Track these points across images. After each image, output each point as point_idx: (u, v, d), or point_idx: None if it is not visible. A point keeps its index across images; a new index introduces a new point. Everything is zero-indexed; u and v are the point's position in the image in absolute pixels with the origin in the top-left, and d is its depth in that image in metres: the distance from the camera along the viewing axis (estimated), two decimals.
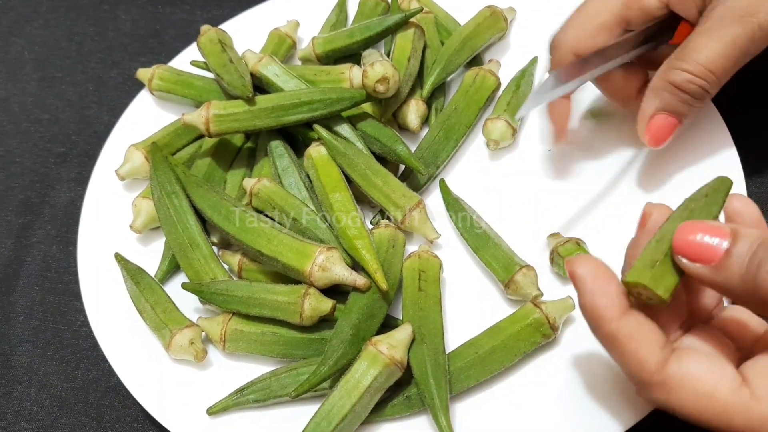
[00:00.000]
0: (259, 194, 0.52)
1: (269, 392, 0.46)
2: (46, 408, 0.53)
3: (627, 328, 0.33)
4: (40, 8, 0.76)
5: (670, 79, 0.44)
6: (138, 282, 0.51)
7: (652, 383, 0.33)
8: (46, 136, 0.67)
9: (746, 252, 0.31)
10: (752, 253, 0.31)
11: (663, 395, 0.33)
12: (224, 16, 0.67)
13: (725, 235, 0.32)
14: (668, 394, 0.33)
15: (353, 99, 0.53)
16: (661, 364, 0.33)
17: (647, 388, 0.34)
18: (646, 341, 0.33)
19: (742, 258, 0.31)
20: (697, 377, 0.32)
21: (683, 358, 0.33)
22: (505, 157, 0.55)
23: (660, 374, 0.33)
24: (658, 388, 0.33)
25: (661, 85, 0.45)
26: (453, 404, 0.45)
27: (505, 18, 0.60)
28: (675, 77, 0.44)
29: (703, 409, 0.32)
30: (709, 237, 0.32)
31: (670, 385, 0.33)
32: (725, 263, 0.32)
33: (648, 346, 0.33)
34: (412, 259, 0.49)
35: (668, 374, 0.33)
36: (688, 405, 0.32)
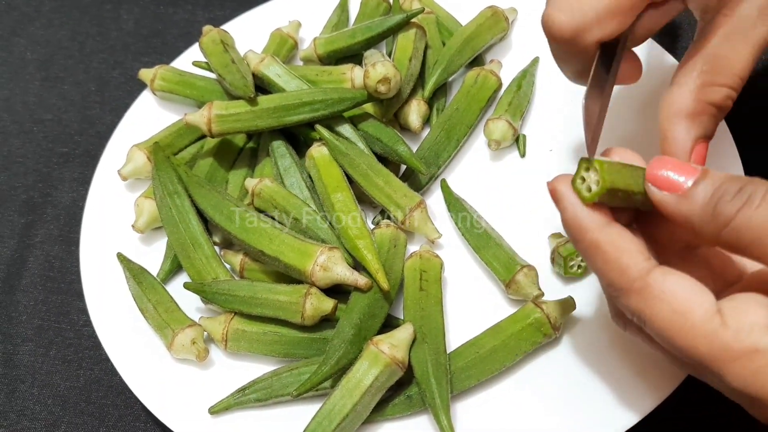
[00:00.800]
0: (260, 194, 0.52)
1: (271, 391, 0.46)
2: (49, 407, 0.53)
3: (610, 236, 0.34)
4: (43, 8, 0.76)
5: (710, 99, 0.39)
6: (140, 282, 0.51)
7: (631, 290, 0.33)
8: (49, 136, 0.67)
9: (711, 185, 0.33)
10: (716, 187, 0.32)
11: (639, 304, 0.33)
12: (226, 17, 0.68)
13: (695, 173, 0.33)
14: (644, 303, 0.33)
15: (355, 99, 0.53)
16: (644, 272, 0.33)
17: (625, 295, 0.33)
18: (629, 249, 0.34)
19: (707, 189, 0.33)
20: (675, 294, 0.33)
21: (667, 272, 0.33)
22: (507, 158, 0.55)
23: (641, 281, 0.33)
24: (635, 295, 0.33)
25: (700, 109, 0.39)
26: (454, 404, 0.45)
27: (506, 18, 0.60)
28: (715, 96, 0.39)
29: (672, 327, 0.32)
30: (680, 173, 0.34)
31: (649, 294, 0.33)
32: (690, 193, 0.33)
33: (631, 254, 0.33)
34: (413, 258, 0.49)
35: (649, 283, 0.33)
36: (659, 318, 0.33)
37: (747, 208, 0.31)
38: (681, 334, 0.32)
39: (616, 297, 0.34)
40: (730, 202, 0.32)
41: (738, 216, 0.31)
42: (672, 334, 0.32)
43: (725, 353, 0.31)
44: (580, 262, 0.48)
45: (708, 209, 0.32)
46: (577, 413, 0.43)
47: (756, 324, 0.31)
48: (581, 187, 0.34)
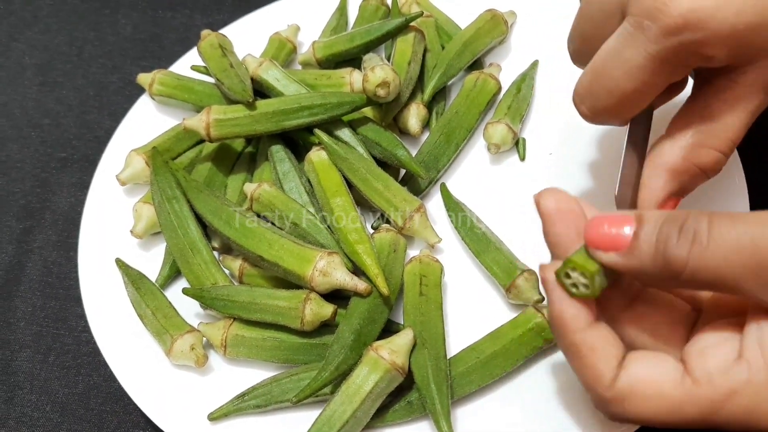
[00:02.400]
0: (259, 199, 0.52)
1: (270, 398, 0.46)
2: (47, 414, 0.53)
3: (591, 340, 0.34)
4: (41, 13, 0.76)
5: (699, 161, 0.38)
6: (139, 287, 0.51)
7: (606, 399, 0.34)
8: (47, 141, 0.67)
9: (652, 232, 0.32)
10: (658, 232, 0.32)
11: (619, 408, 0.34)
12: (224, 21, 0.67)
13: (630, 221, 0.33)
14: (622, 405, 0.33)
15: (354, 103, 0.53)
16: (614, 377, 0.33)
17: (604, 404, 0.34)
18: (605, 356, 0.34)
19: (650, 238, 0.32)
20: (642, 381, 0.33)
21: (629, 365, 0.33)
22: (506, 161, 0.55)
23: (612, 389, 0.33)
24: (612, 403, 0.34)
25: (684, 168, 0.39)
26: (454, 409, 0.45)
27: (505, 21, 0.59)
28: (705, 159, 0.38)
29: (656, 411, 0.33)
30: (616, 227, 0.33)
31: (622, 396, 0.33)
32: (634, 246, 0.32)
33: (606, 361, 0.34)
34: (413, 263, 0.49)
35: (618, 387, 0.33)
36: (641, 411, 0.33)
37: (697, 247, 0.30)
38: (667, 414, 0.32)
39: (596, 405, 0.35)
40: (678, 246, 0.31)
41: (691, 258, 0.30)
42: (660, 417, 0.33)
43: (712, 406, 0.31)
44: None
45: (659, 259, 0.31)
46: (578, 418, 0.43)
47: (721, 365, 0.32)
48: (567, 282, 0.34)
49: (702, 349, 0.33)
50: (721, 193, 0.47)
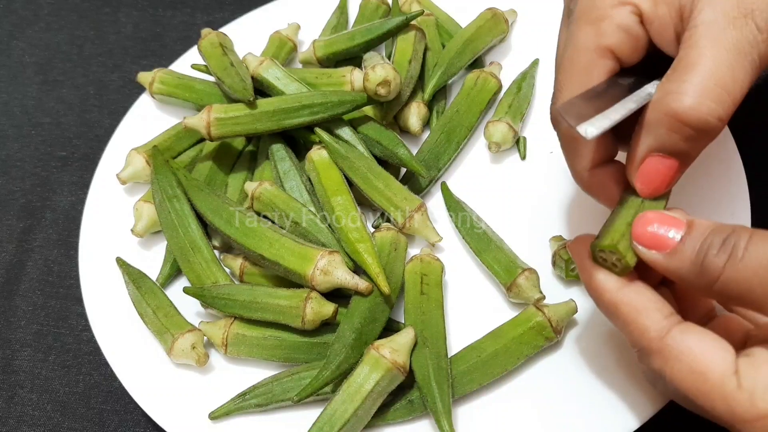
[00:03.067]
0: (260, 198, 0.52)
1: (271, 397, 0.46)
2: (48, 413, 0.53)
3: (628, 296, 0.35)
4: (41, 12, 0.76)
5: (667, 108, 0.34)
6: (139, 286, 0.51)
7: (651, 350, 0.34)
8: (48, 140, 0.67)
9: (698, 239, 0.33)
10: (702, 241, 0.33)
11: (659, 363, 0.34)
12: (225, 19, 0.67)
13: (680, 225, 0.34)
14: (664, 363, 0.34)
15: (354, 102, 0.53)
16: (663, 331, 0.34)
17: (646, 355, 0.34)
18: (646, 308, 0.34)
19: (694, 245, 0.33)
20: (695, 353, 0.33)
21: (687, 331, 0.34)
22: (507, 160, 0.55)
23: (660, 342, 0.34)
24: (656, 356, 0.34)
25: (655, 119, 0.34)
26: (455, 408, 0.45)
27: (506, 20, 0.59)
28: (674, 103, 0.34)
29: (691, 387, 0.33)
30: (666, 228, 0.34)
31: (668, 354, 0.33)
32: (678, 250, 0.34)
33: (649, 314, 0.34)
34: (414, 262, 0.49)
35: (668, 343, 0.34)
36: (678, 378, 0.33)
37: (732, 260, 0.32)
38: (699, 394, 0.33)
39: (638, 354, 0.36)
40: (717, 256, 0.32)
41: (725, 271, 0.32)
42: (689, 392, 0.33)
43: (743, 415, 0.32)
44: None
45: (696, 265, 0.33)
46: (578, 417, 0.43)
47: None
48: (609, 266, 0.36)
49: (755, 360, 0.33)
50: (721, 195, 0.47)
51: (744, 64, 0.34)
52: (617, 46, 0.37)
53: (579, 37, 0.38)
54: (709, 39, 0.34)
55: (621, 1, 0.37)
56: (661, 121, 0.34)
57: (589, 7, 0.38)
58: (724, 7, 0.34)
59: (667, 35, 0.37)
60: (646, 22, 0.37)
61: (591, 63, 0.37)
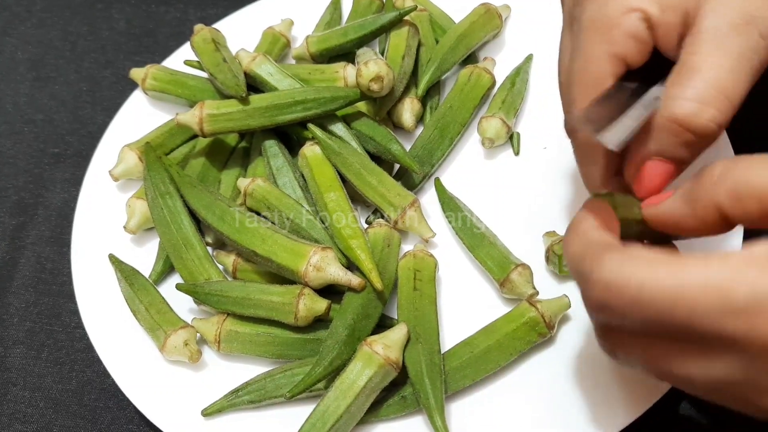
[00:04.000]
0: (253, 194, 0.51)
1: (264, 393, 0.46)
2: (41, 410, 0.52)
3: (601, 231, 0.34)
4: (34, 7, 0.76)
5: (670, 113, 0.34)
6: (132, 283, 0.51)
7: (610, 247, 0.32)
8: (40, 137, 0.66)
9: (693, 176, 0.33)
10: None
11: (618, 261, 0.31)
12: (218, 15, 0.67)
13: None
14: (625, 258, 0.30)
15: (347, 98, 0.53)
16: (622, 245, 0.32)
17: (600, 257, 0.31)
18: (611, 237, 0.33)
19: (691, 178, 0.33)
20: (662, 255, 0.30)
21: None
22: (500, 156, 0.55)
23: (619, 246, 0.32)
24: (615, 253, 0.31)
25: (658, 125, 0.35)
26: (448, 404, 0.45)
27: (499, 15, 0.59)
28: (676, 109, 0.34)
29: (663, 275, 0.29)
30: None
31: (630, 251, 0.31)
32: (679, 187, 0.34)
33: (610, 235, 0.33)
34: (407, 258, 0.49)
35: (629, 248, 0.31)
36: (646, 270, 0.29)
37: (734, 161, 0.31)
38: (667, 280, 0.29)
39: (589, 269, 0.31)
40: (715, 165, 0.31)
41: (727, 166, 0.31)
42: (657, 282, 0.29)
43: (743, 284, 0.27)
44: None
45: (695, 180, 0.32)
46: (571, 412, 0.43)
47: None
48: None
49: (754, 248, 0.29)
50: None
51: (745, 70, 0.34)
52: (628, 53, 0.37)
53: (590, 46, 0.37)
54: (712, 45, 0.34)
55: (630, 8, 0.36)
56: (663, 126, 0.35)
57: (598, 16, 0.37)
58: (727, 14, 0.34)
59: (671, 39, 0.37)
60: (653, 27, 0.37)
61: (603, 72, 0.37)
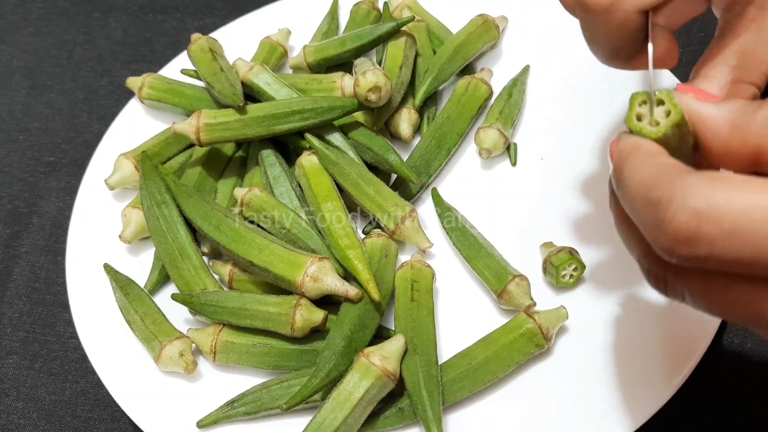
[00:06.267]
0: (250, 203, 0.51)
1: (260, 404, 0.45)
2: (34, 421, 0.52)
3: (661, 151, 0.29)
4: (30, 16, 0.76)
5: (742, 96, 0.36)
6: (127, 293, 0.51)
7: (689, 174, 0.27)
8: (36, 145, 0.66)
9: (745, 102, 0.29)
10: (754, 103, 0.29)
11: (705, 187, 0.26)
12: (215, 25, 0.67)
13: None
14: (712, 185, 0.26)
15: (345, 108, 0.53)
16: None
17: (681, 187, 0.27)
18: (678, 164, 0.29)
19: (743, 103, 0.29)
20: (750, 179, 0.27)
21: None
22: (498, 166, 0.55)
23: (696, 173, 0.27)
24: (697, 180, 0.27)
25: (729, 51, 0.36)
26: (446, 416, 0.44)
27: (496, 26, 0.59)
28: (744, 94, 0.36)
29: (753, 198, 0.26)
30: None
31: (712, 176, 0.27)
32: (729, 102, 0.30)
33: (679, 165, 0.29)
34: (404, 268, 0.49)
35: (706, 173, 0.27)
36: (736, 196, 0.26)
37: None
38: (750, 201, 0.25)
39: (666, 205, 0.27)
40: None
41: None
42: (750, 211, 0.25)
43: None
44: (572, 271, 0.48)
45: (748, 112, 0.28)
46: (568, 424, 0.43)
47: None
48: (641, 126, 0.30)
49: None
50: None
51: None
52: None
53: None
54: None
55: None
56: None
57: None
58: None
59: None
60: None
61: None
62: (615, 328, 0.46)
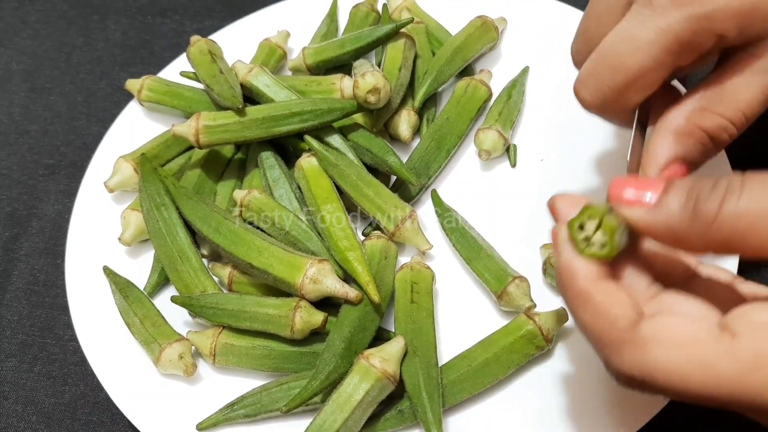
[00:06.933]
0: (249, 206, 0.51)
1: (260, 407, 0.45)
2: (33, 425, 0.52)
3: (602, 287, 0.31)
4: (29, 18, 0.76)
5: (703, 124, 0.37)
6: (127, 295, 0.51)
7: (624, 341, 0.30)
8: (35, 148, 0.66)
9: (683, 189, 0.30)
10: (688, 190, 0.30)
11: (637, 354, 0.30)
12: (214, 27, 0.67)
13: (658, 184, 0.31)
14: (643, 351, 0.30)
15: (344, 110, 0.53)
16: (635, 322, 0.30)
17: (618, 350, 0.30)
18: (619, 300, 0.31)
19: (681, 194, 0.30)
20: (673, 327, 0.30)
21: (656, 316, 0.31)
22: (497, 168, 0.55)
23: (632, 332, 0.30)
24: (630, 347, 0.30)
25: (688, 130, 0.38)
26: (446, 418, 0.44)
27: (496, 28, 0.59)
28: (708, 123, 0.37)
29: (683, 362, 0.29)
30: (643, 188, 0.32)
31: (644, 339, 0.30)
32: (663, 201, 0.31)
33: (621, 305, 0.31)
34: (404, 270, 0.49)
35: (641, 329, 0.30)
36: (664, 358, 0.29)
37: (730, 197, 0.28)
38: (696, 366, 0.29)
39: (607, 356, 0.31)
40: (709, 199, 0.29)
41: (723, 208, 0.28)
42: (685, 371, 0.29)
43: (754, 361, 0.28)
44: None
45: (687, 212, 0.30)
46: (569, 426, 0.43)
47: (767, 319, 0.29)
48: (579, 237, 0.32)
49: (744, 311, 0.30)
50: None
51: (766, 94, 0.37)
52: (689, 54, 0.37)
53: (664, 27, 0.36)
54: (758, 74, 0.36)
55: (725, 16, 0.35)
56: (693, 132, 0.37)
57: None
58: None
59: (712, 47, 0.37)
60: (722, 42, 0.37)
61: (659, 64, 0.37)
62: None
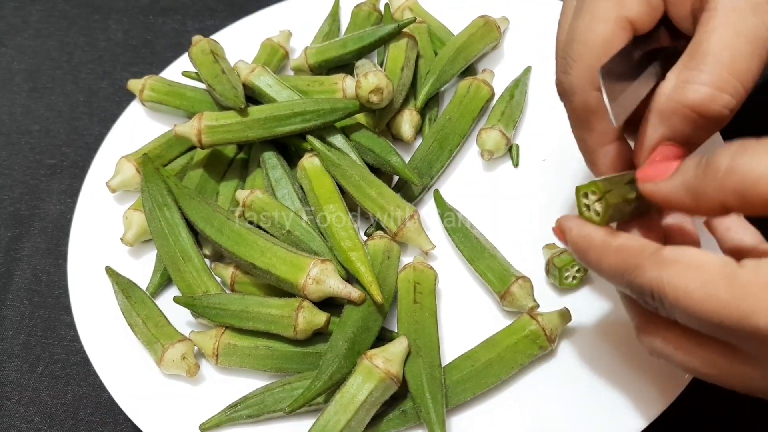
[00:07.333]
0: (251, 206, 0.51)
1: (263, 407, 0.45)
2: (36, 425, 0.52)
3: (619, 235, 0.35)
4: (31, 18, 0.76)
5: (684, 98, 0.33)
6: (129, 296, 0.50)
7: (648, 261, 0.32)
8: (37, 148, 0.66)
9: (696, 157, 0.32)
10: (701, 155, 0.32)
11: (656, 271, 0.32)
12: (216, 27, 0.67)
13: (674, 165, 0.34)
14: (660, 268, 0.32)
15: (347, 109, 0.53)
16: (658, 248, 0.33)
17: (642, 269, 0.33)
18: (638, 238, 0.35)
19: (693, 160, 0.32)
20: (691, 253, 0.32)
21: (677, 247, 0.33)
22: (500, 168, 0.55)
23: (655, 254, 0.33)
24: (651, 265, 0.32)
25: (671, 109, 0.34)
26: (449, 418, 0.44)
27: (498, 28, 0.59)
28: (691, 95, 0.33)
29: (691, 280, 0.31)
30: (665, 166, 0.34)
31: (665, 260, 0.32)
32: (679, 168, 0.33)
33: (641, 240, 0.34)
34: (407, 270, 0.49)
35: (663, 252, 0.33)
36: (677, 276, 0.31)
37: (742, 150, 0.30)
38: (699, 285, 0.31)
39: (631, 281, 0.33)
40: (721, 156, 0.30)
41: (735, 159, 0.30)
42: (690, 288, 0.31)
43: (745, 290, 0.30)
44: (575, 273, 0.47)
45: (701, 168, 0.31)
46: (572, 426, 0.43)
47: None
48: (590, 215, 0.36)
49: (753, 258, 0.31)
50: None
51: (759, 52, 0.33)
52: (638, 18, 0.36)
53: (598, 6, 0.36)
54: (728, 25, 0.33)
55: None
56: (677, 111, 0.34)
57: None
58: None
59: (683, 10, 0.36)
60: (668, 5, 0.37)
61: (611, 34, 0.36)
62: (619, 329, 0.46)
